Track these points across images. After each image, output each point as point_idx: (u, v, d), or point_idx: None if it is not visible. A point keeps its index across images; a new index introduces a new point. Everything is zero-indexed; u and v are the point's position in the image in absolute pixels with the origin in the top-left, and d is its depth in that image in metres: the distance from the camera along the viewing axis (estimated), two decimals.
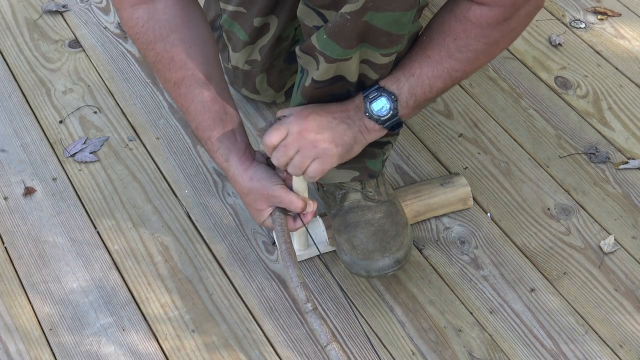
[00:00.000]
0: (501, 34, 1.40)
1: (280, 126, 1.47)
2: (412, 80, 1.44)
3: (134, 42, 1.55)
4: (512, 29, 1.41)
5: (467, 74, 1.46)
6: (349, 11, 1.33)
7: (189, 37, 1.52)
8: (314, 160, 1.46)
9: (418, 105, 1.47)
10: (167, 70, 1.53)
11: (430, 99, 1.48)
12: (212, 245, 1.74)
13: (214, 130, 1.54)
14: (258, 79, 1.84)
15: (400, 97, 1.45)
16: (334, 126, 1.47)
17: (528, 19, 1.41)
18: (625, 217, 1.77)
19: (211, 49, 1.56)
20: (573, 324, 1.61)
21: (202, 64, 1.53)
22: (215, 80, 1.55)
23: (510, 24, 1.39)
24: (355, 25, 1.35)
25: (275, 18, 1.73)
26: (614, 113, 1.96)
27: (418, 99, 1.45)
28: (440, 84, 1.45)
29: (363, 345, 1.59)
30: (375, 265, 1.57)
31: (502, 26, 1.38)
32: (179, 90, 1.54)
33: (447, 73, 1.43)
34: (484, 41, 1.40)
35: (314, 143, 1.45)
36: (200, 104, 1.53)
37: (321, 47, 1.39)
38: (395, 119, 1.47)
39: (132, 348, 1.60)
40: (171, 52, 1.51)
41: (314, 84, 1.46)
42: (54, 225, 1.77)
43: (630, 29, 2.14)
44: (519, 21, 1.40)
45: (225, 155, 1.54)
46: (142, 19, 1.50)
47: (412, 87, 1.45)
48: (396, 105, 1.45)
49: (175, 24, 1.51)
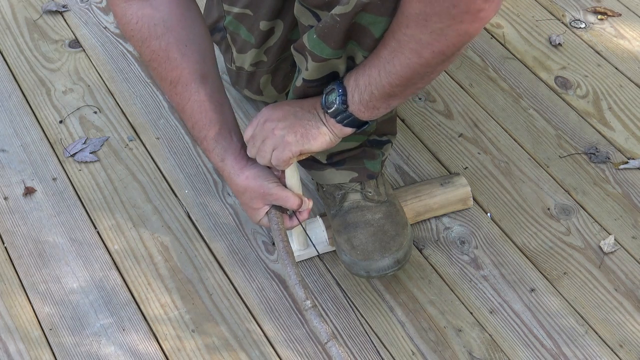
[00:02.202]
0: (419, 29, 1.29)
1: (252, 121, 1.50)
2: (359, 72, 1.40)
3: (129, 39, 1.54)
4: (433, 30, 1.29)
5: (399, 72, 1.36)
6: (339, 13, 1.33)
7: (185, 35, 1.52)
8: (274, 149, 1.47)
9: (364, 101, 1.41)
10: (163, 68, 1.53)
11: (372, 95, 1.40)
12: (212, 245, 1.74)
13: (210, 130, 1.54)
14: (263, 79, 1.84)
15: (348, 89, 1.42)
16: (299, 115, 1.46)
17: (455, 30, 1.29)
18: (625, 217, 1.76)
19: (207, 47, 1.56)
20: (573, 324, 1.61)
21: (198, 63, 1.53)
22: (211, 79, 1.55)
23: (428, 23, 1.28)
24: (344, 26, 1.35)
25: (281, 22, 1.73)
26: (614, 113, 1.96)
27: (361, 91, 1.41)
28: (375, 75, 1.38)
29: (363, 345, 1.59)
30: (375, 265, 1.58)
31: (418, 19, 1.28)
32: (174, 89, 1.54)
33: (380, 62, 1.36)
34: (403, 31, 1.31)
35: (273, 131, 1.46)
36: (196, 103, 1.53)
37: (311, 47, 1.39)
38: (345, 113, 1.43)
39: (132, 348, 1.60)
40: (167, 50, 1.51)
41: (305, 82, 1.46)
42: (54, 225, 1.77)
43: (630, 29, 2.14)
44: (440, 24, 1.28)
45: (221, 154, 1.55)
46: (136, 16, 1.50)
47: (357, 78, 1.41)
48: (344, 99, 1.42)
49: (171, 22, 1.51)
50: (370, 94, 1.40)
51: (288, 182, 1.53)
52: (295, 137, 1.46)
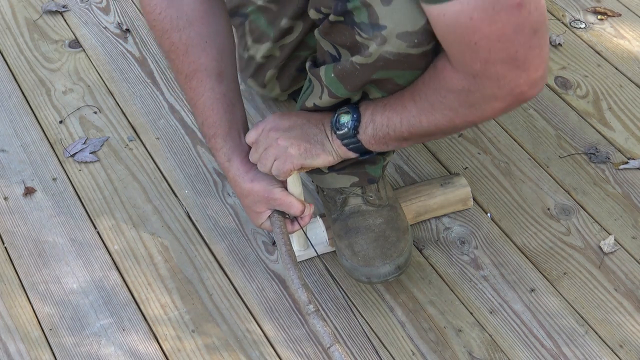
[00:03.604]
0: (458, 102, 1.31)
1: (258, 125, 1.50)
2: (378, 107, 1.41)
3: (151, 29, 1.54)
4: (472, 104, 1.30)
5: (424, 128, 1.37)
6: (360, 62, 1.33)
7: (206, 31, 1.51)
8: (275, 159, 1.47)
9: (377, 137, 1.42)
10: (180, 61, 1.52)
11: (388, 136, 1.41)
12: (212, 246, 1.74)
13: (220, 128, 1.54)
14: (269, 73, 1.83)
15: (363, 118, 1.42)
16: (305, 128, 1.47)
17: (492, 108, 1.30)
18: (625, 217, 1.76)
19: (227, 46, 1.55)
20: (573, 324, 1.61)
21: (216, 60, 1.52)
22: (227, 78, 1.54)
23: (470, 98, 1.29)
24: (364, 75, 1.35)
25: (302, 23, 1.72)
26: (614, 113, 1.96)
27: (376, 127, 1.41)
28: (396, 121, 1.39)
29: (363, 346, 1.59)
30: (376, 271, 1.57)
31: (459, 95, 1.30)
32: (189, 84, 1.54)
33: (405, 113, 1.37)
34: (440, 99, 1.32)
35: (277, 141, 1.46)
36: (209, 100, 1.53)
37: (327, 83, 1.39)
38: (354, 139, 1.43)
39: (132, 348, 1.60)
40: (187, 44, 1.51)
41: (315, 107, 1.47)
42: (54, 225, 1.77)
43: (630, 29, 2.14)
44: (481, 102, 1.29)
45: (228, 155, 1.54)
46: (160, 6, 1.49)
47: (374, 113, 1.41)
48: (357, 125, 1.42)
49: (194, 16, 1.50)
50: (386, 133, 1.41)
51: (290, 189, 1.53)
52: (298, 151, 1.46)
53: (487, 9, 1.18)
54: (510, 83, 1.25)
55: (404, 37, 1.28)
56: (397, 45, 1.29)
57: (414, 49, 1.30)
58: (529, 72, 1.25)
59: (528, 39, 1.22)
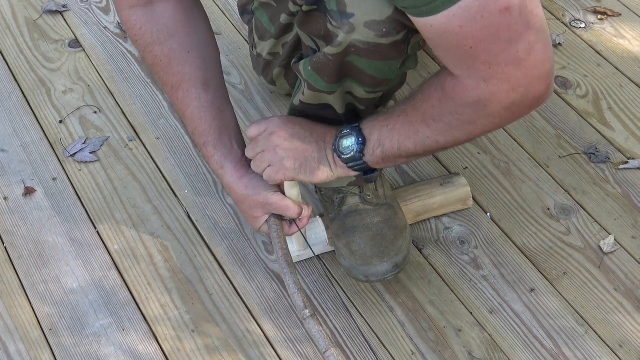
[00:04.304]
0: (476, 115, 1.30)
1: (262, 122, 1.50)
2: (385, 131, 1.40)
3: (133, 43, 1.55)
4: (491, 114, 1.29)
5: (441, 145, 1.38)
6: (331, 53, 1.34)
7: (188, 42, 1.52)
8: (270, 165, 1.47)
9: (386, 158, 1.42)
10: (165, 73, 1.53)
11: (399, 157, 1.41)
12: (212, 246, 1.74)
13: (210, 136, 1.54)
14: (276, 71, 1.84)
15: (369, 143, 1.42)
16: (307, 142, 1.46)
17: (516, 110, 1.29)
18: (625, 217, 1.76)
19: (211, 54, 1.56)
20: (573, 324, 1.61)
21: (201, 69, 1.53)
22: (213, 86, 1.55)
23: (488, 109, 1.28)
24: (337, 65, 1.35)
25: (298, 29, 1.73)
26: (614, 113, 1.95)
27: (385, 151, 1.41)
28: (410, 145, 1.39)
29: (363, 346, 1.59)
30: (374, 270, 1.57)
31: (476, 107, 1.29)
32: (176, 94, 1.55)
33: (418, 136, 1.37)
34: (457, 117, 1.32)
35: (276, 148, 1.46)
36: (197, 109, 1.54)
37: (306, 76, 1.40)
38: (360, 162, 1.43)
39: (132, 348, 1.60)
40: (169, 56, 1.52)
41: (302, 104, 1.47)
42: (54, 225, 1.77)
43: (630, 29, 2.14)
44: (499, 109, 1.28)
45: (220, 162, 1.55)
46: (140, 21, 1.51)
47: (381, 137, 1.41)
48: (362, 149, 1.42)
49: (174, 28, 1.51)
50: (397, 155, 1.41)
51: (287, 191, 1.53)
52: (293, 165, 1.46)
53: (475, 18, 1.18)
54: (521, 82, 1.24)
55: (371, 26, 1.30)
56: (365, 34, 1.30)
57: (383, 39, 1.31)
58: (537, 68, 1.24)
59: (525, 37, 1.21)
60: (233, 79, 2.02)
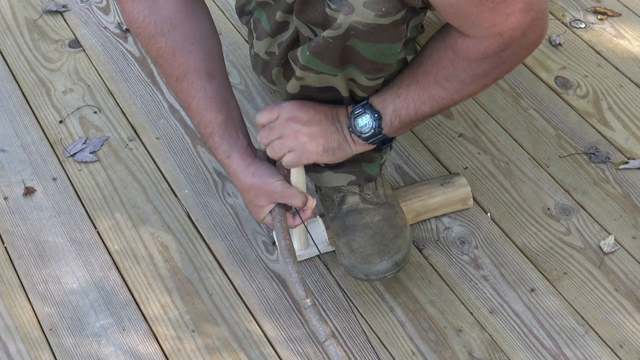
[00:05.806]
0: (490, 66, 1.37)
1: (274, 108, 1.50)
2: (398, 101, 1.44)
3: (136, 36, 1.55)
4: (503, 61, 1.37)
5: (456, 101, 1.45)
6: (331, 36, 1.34)
7: (191, 33, 1.52)
8: (291, 150, 1.48)
9: (403, 126, 1.47)
10: (169, 65, 1.53)
11: (416, 121, 1.47)
12: (212, 245, 1.74)
13: (216, 126, 1.54)
14: (275, 71, 1.84)
15: (385, 116, 1.45)
16: (324, 125, 1.48)
17: (522, 52, 1.37)
18: (625, 217, 1.76)
19: (214, 45, 1.56)
20: (573, 324, 1.61)
21: (204, 60, 1.53)
22: (217, 76, 1.55)
23: (501, 57, 1.36)
24: (338, 48, 1.36)
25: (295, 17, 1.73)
26: (614, 113, 1.95)
27: (403, 119, 1.46)
28: (426, 109, 1.45)
29: (363, 346, 1.59)
30: (374, 268, 1.57)
31: (491, 59, 1.36)
32: (180, 86, 1.55)
33: (433, 99, 1.43)
34: (471, 73, 1.38)
35: (297, 134, 1.47)
36: (202, 100, 1.54)
37: (305, 62, 1.40)
38: (379, 136, 1.47)
39: (132, 348, 1.60)
40: (173, 47, 1.52)
41: (303, 88, 1.47)
42: (54, 225, 1.77)
43: (630, 29, 2.14)
44: (512, 54, 1.36)
45: (227, 151, 1.55)
46: (143, 13, 1.51)
47: (396, 108, 1.45)
48: (380, 124, 1.46)
49: (177, 20, 1.52)
50: (415, 120, 1.47)
51: (293, 180, 1.53)
52: (316, 149, 1.48)
53: None
54: (527, 24, 1.31)
55: (370, 6, 1.30)
56: (364, 14, 1.31)
57: (383, 19, 1.32)
58: (538, 11, 1.31)
59: None
60: (233, 79, 2.02)
